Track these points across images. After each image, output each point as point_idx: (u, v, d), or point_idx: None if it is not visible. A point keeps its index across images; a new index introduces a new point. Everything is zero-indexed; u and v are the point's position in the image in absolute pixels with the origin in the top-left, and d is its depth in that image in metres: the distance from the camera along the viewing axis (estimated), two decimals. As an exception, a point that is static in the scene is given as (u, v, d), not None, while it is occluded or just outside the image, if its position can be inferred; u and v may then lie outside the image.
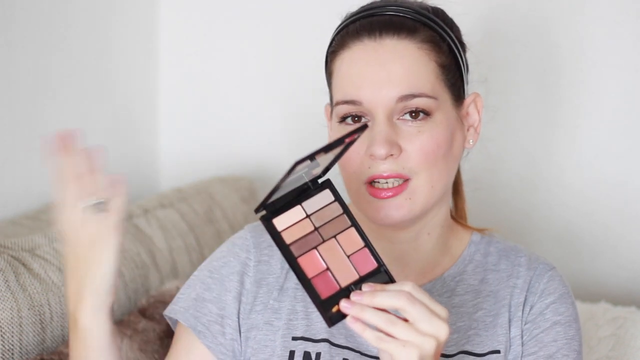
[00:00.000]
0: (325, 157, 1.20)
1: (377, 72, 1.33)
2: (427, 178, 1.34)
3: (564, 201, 2.03)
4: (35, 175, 2.05)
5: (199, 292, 1.41)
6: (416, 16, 1.36)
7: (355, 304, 1.17)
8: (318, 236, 1.22)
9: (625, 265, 2.01)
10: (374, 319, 1.16)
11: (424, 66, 1.34)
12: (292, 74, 2.23)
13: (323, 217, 1.23)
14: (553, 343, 1.38)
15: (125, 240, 1.87)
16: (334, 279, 1.20)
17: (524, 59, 2.01)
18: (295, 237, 1.21)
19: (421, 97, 1.33)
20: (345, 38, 1.37)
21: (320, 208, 1.24)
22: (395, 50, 1.34)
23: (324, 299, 1.18)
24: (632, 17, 1.93)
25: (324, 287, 1.19)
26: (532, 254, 1.46)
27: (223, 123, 2.32)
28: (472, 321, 1.40)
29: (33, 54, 2.00)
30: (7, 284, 1.61)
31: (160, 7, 2.32)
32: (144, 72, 2.33)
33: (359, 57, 1.35)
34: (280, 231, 1.21)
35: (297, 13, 2.21)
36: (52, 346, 1.67)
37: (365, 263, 1.21)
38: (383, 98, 1.33)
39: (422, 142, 1.33)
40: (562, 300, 1.41)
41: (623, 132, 1.97)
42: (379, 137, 1.32)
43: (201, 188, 2.11)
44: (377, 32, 1.35)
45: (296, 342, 1.38)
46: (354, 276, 1.21)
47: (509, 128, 2.04)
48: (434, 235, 1.42)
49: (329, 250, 1.22)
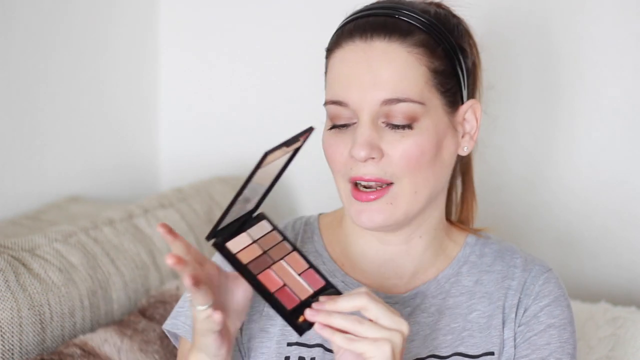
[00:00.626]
0: (257, 188, 1.23)
1: (364, 74, 1.32)
2: (410, 184, 1.33)
3: (564, 202, 2.03)
4: (35, 175, 2.05)
5: None
6: (412, 19, 1.35)
7: (321, 311, 1.21)
8: (268, 258, 1.26)
9: (625, 266, 2.01)
10: (341, 322, 1.20)
11: (413, 70, 1.33)
12: (292, 74, 2.23)
13: (267, 242, 1.28)
14: (546, 346, 1.38)
15: (125, 240, 1.87)
16: (292, 293, 1.24)
17: (524, 59, 2.01)
18: (249, 258, 1.25)
19: (406, 102, 1.32)
20: (340, 37, 1.37)
21: (263, 235, 1.28)
22: (384, 53, 1.33)
23: (290, 310, 1.22)
24: (632, 17, 1.93)
25: (287, 300, 1.23)
26: (528, 255, 1.46)
27: (223, 123, 2.32)
28: (466, 322, 1.40)
29: (33, 54, 2.00)
30: (7, 284, 1.61)
31: (160, 7, 2.32)
32: (144, 72, 2.33)
33: (349, 57, 1.34)
34: (235, 253, 1.24)
35: (298, 14, 2.21)
36: (52, 346, 1.67)
37: (315, 281, 1.26)
38: (368, 101, 1.32)
39: (405, 148, 1.32)
40: (557, 303, 1.41)
41: (623, 133, 1.97)
42: (360, 139, 1.31)
43: (201, 188, 2.11)
44: (368, 34, 1.34)
45: (291, 348, 1.38)
46: (309, 291, 1.25)
47: (509, 128, 2.04)
48: (426, 238, 1.42)
49: (281, 270, 1.26)
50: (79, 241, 1.79)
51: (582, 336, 1.78)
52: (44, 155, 2.07)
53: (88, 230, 1.83)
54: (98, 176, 2.22)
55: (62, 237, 1.78)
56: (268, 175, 1.23)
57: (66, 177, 2.13)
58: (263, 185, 1.24)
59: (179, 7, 2.31)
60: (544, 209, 2.05)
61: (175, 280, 1.88)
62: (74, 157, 2.15)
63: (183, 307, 1.41)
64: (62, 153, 2.11)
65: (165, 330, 1.42)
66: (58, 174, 2.11)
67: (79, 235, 1.81)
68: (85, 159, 2.18)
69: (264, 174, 1.20)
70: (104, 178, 2.23)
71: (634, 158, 1.98)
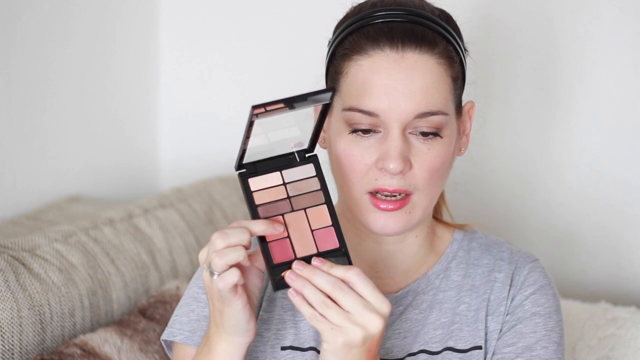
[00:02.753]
0: (301, 127, 1.22)
1: (398, 86, 1.31)
2: (427, 194, 1.34)
3: (564, 201, 2.03)
4: (35, 175, 2.05)
5: (199, 312, 1.40)
6: (435, 27, 1.34)
7: (300, 277, 1.20)
8: (288, 204, 1.25)
9: (625, 266, 2.01)
10: (312, 297, 1.20)
11: (442, 82, 1.33)
12: (292, 73, 2.23)
13: (299, 188, 1.26)
14: (532, 334, 1.38)
15: (125, 240, 1.87)
16: (291, 247, 1.23)
17: (523, 59, 2.01)
18: (266, 200, 1.24)
19: (437, 115, 1.32)
20: (362, 42, 1.34)
21: (299, 179, 1.26)
22: (416, 64, 1.32)
23: (276, 263, 1.21)
24: (632, 17, 1.93)
25: (279, 252, 1.22)
26: (514, 248, 1.46)
27: (223, 123, 2.32)
28: (455, 315, 1.41)
29: (33, 54, 2.00)
30: (7, 284, 1.61)
31: (160, 7, 2.32)
32: (144, 72, 2.33)
33: (380, 67, 1.32)
34: (253, 191, 1.23)
35: (298, 13, 2.21)
36: (52, 346, 1.67)
37: (327, 241, 1.24)
38: (401, 112, 1.30)
39: (430, 160, 1.32)
40: (542, 292, 1.41)
41: (623, 133, 1.97)
42: (395, 152, 1.30)
43: (201, 188, 2.11)
44: (399, 43, 1.32)
45: (285, 352, 1.38)
46: (312, 250, 1.23)
47: (509, 128, 2.04)
48: (421, 236, 1.43)
49: (295, 220, 1.24)
50: (79, 241, 1.79)
51: (582, 336, 1.78)
52: (44, 155, 2.07)
53: (88, 230, 1.83)
54: (98, 176, 2.22)
55: (62, 237, 1.78)
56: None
57: (66, 177, 2.13)
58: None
59: (179, 7, 2.31)
60: (544, 209, 2.05)
61: (175, 280, 1.88)
62: (74, 157, 2.15)
63: (177, 315, 1.41)
64: (62, 153, 2.11)
65: (162, 341, 1.42)
66: (58, 174, 2.11)
67: (79, 235, 1.81)
68: (86, 159, 2.18)
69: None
70: (104, 178, 2.23)
71: (634, 158, 1.98)
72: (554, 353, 1.38)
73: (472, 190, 2.06)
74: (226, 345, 1.28)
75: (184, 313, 1.41)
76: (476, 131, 1.48)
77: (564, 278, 2.03)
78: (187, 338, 1.39)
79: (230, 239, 1.21)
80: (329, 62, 1.39)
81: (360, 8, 1.38)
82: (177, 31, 2.32)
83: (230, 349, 1.28)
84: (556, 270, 2.01)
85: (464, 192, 1.94)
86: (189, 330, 1.39)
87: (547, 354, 1.37)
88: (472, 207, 2.06)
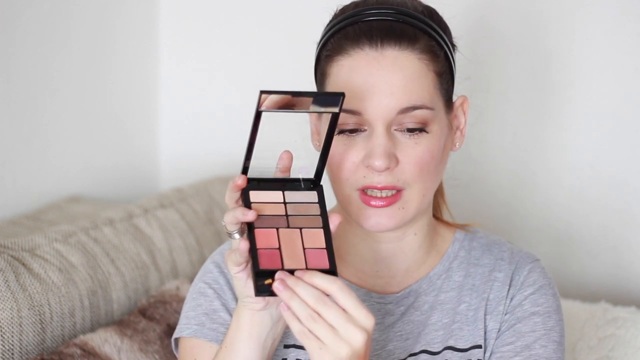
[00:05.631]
0: (310, 154, 1.22)
1: (379, 83, 1.31)
2: (420, 188, 1.34)
3: (563, 202, 2.03)
4: (35, 175, 2.05)
5: (207, 305, 1.40)
6: (416, 23, 1.34)
7: (287, 288, 1.17)
8: (285, 221, 1.23)
9: (625, 266, 2.01)
10: (299, 310, 1.17)
11: (424, 77, 1.33)
12: (291, 74, 2.22)
13: (298, 209, 1.24)
14: (531, 333, 1.38)
15: (125, 240, 1.87)
16: (280, 259, 1.20)
17: (523, 59, 2.01)
18: (263, 212, 1.22)
19: (421, 109, 1.32)
20: (343, 42, 1.35)
21: (300, 202, 1.25)
22: (396, 61, 1.32)
23: (262, 269, 1.19)
24: (632, 17, 1.93)
25: (267, 260, 1.19)
26: (515, 247, 1.46)
27: (223, 123, 2.32)
28: (455, 314, 1.41)
29: (33, 54, 2.00)
30: (7, 284, 1.61)
31: (160, 7, 2.32)
32: (144, 73, 2.33)
33: (360, 66, 1.33)
34: (252, 202, 1.22)
35: (298, 13, 2.21)
36: (52, 346, 1.67)
37: (318, 260, 1.21)
38: (383, 109, 1.31)
39: (417, 155, 1.32)
40: (542, 292, 1.41)
41: (622, 132, 1.97)
42: (379, 150, 1.31)
43: (201, 188, 2.11)
44: (378, 41, 1.32)
45: (288, 350, 1.38)
46: (301, 265, 1.20)
47: (509, 129, 2.04)
48: (420, 235, 1.42)
49: (288, 236, 1.22)
50: (79, 241, 1.79)
51: (582, 336, 1.78)
52: (44, 155, 2.07)
53: (88, 230, 1.83)
54: (98, 176, 2.22)
55: (62, 237, 1.77)
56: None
57: (66, 177, 2.13)
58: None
59: (179, 7, 2.31)
60: (544, 209, 2.05)
61: (175, 280, 1.88)
62: (74, 157, 2.15)
63: (184, 311, 1.41)
64: (62, 153, 2.11)
65: (172, 341, 1.41)
66: (58, 174, 2.11)
67: (79, 235, 1.81)
68: (86, 159, 2.18)
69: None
70: (104, 178, 2.23)
71: (634, 158, 1.98)
72: (553, 352, 1.38)
73: (472, 190, 2.06)
74: (249, 316, 1.26)
75: (191, 308, 1.40)
76: (476, 131, 1.48)
77: (564, 278, 2.03)
78: (195, 331, 1.38)
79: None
80: (316, 65, 1.41)
81: (344, 9, 1.39)
82: (177, 31, 2.32)
83: (258, 317, 1.26)
84: (556, 270, 2.01)
85: (464, 192, 1.94)
86: (197, 324, 1.38)
87: (546, 353, 1.37)
88: (472, 207, 2.06)
